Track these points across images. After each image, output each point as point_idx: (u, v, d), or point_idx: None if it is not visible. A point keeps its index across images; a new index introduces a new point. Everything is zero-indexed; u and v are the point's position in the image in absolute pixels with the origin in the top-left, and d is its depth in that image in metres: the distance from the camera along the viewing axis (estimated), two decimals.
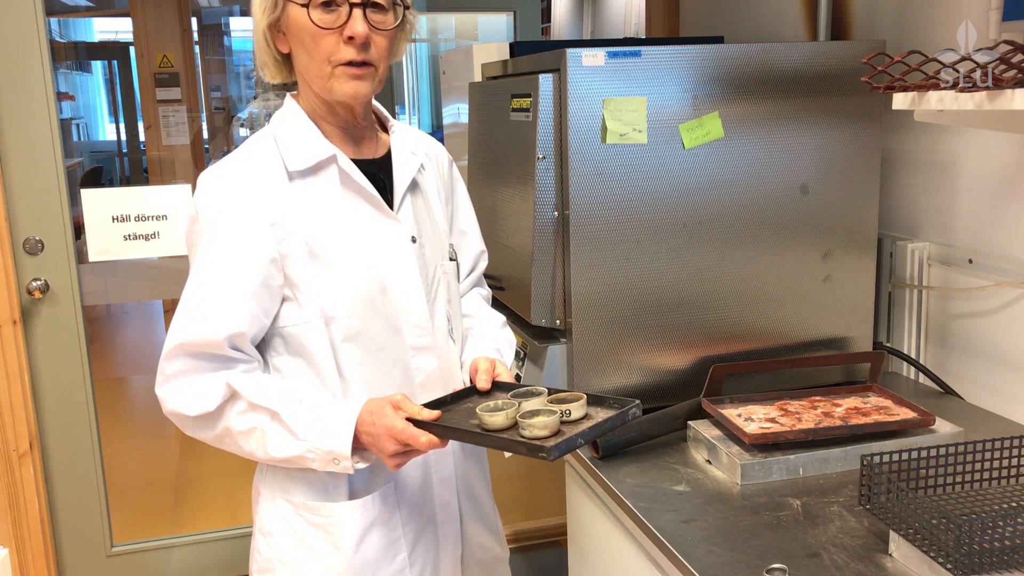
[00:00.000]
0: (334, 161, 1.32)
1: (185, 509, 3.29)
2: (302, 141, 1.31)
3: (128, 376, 4.79)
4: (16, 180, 2.44)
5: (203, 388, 1.28)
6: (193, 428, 1.32)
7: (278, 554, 1.35)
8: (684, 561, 1.26)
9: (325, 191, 1.31)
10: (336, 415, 1.27)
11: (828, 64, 1.75)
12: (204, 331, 1.26)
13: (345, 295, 1.30)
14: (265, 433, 1.27)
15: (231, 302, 1.26)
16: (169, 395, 1.30)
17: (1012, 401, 1.72)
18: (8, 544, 2.46)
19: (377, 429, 1.23)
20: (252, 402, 1.27)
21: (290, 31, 1.29)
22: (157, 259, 2.69)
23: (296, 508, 1.34)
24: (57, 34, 5.80)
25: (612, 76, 1.63)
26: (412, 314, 1.36)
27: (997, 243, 1.75)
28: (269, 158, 1.30)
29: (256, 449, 1.29)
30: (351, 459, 1.25)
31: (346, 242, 1.30)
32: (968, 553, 1.10)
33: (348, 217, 1.32)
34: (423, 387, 1.38)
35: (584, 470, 1.65)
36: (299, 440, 1.26)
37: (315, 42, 1.26)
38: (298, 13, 1.26)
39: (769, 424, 1.56)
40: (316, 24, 1.25)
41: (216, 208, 1.27)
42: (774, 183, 1.76)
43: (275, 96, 3.92)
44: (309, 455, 1.26)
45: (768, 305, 1.79)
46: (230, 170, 1.30)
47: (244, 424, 1.28)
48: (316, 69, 1.28)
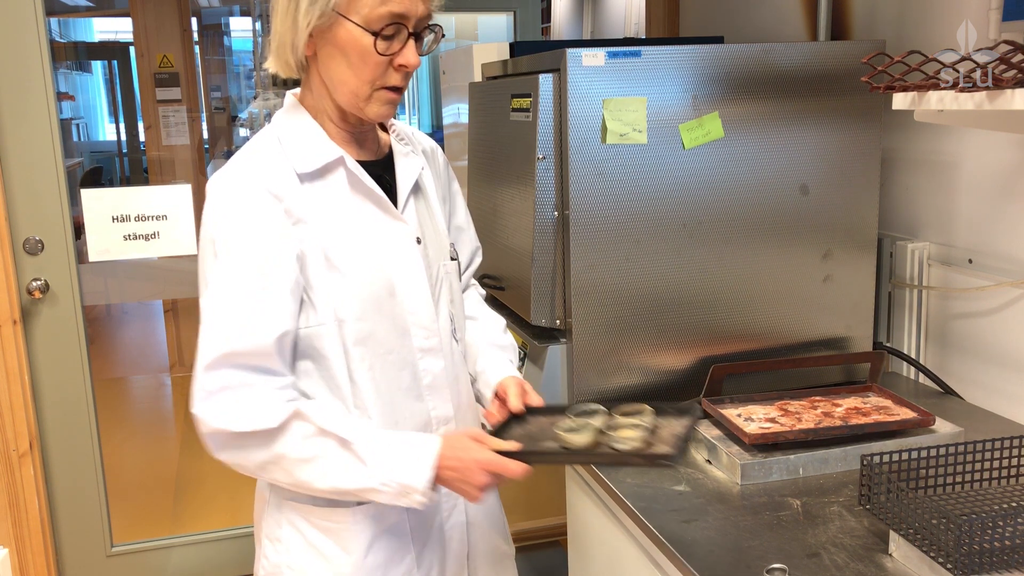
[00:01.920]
0: (341, 163, 1.30)
1: (185, 509, 3.29)
2: (308, 143, 1.29)
3: (128, 376, 4.79)
4: (16, 180, 2.44)
5: (259, 402, 1.21)
6: (236, 449, 1.22)
7: (286, 559, 1.34)
8: (684, 561, 1.26)
9: (334, 193, 1.30)
10: (414, 448, 1.25)
11: (828, 64, 1.75)
12: (252, 337, 1.20)
13: (355, 298, 1.28)
14: (330, 462, 1.22)
15: (273, 302, 1.22)
16: (214, 411, 1.20)
17: (1012, 401, 1.72)
18: (8, 544, 2.46)
19: (465, 463, 1.23)
20: (321, 427, 1.22)
21: (335, 44, 1.24)
22: (157, 259, 2.69)
23: (305, 514, 1.33)
24: (57, 34, 5.80)
25: (612, 76, 1.63)
26: (419, 316, 1.35)
27: (997, 243, 1.75)
28: (277, 159, 1.28)
29: (313, 479, 1.23)
30: (427, 493, 1.24)
31: (356, 245, 1.29)
32: (968, 553, 1.10)
33: (357, 219, 1.30)
34: (430, 389, 1.37)
35: (584, 470, 1.65)
36: (371, 471, 1.22)
37: (364, 63, 1.23)
38: (356, 33, 1.21)
39: (769, 424, 1.56)
40: (378, 51, 1.22)
41: (238, 210, 1.23)
42: (774, 183, 1.76)
43: (275, 96, 3.91)
44: (382, 487, 1.23)
45: (768, 305, 1.79)
46: (243, 171, 1.26)
47: (306, 451, 1.22)
48: (354, 87, 1.25)
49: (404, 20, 1.22)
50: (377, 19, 1.20)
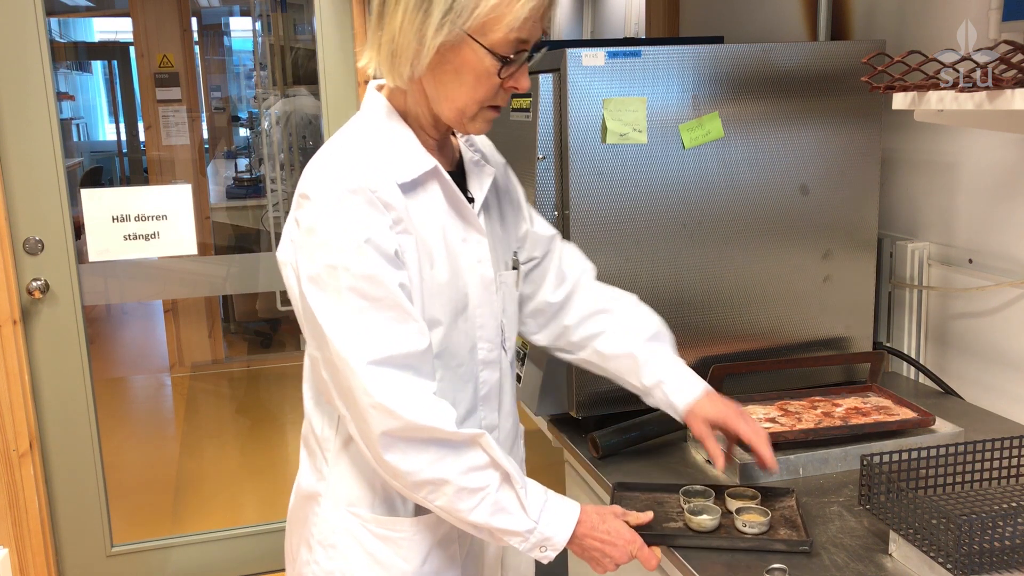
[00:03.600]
0: (436, 174, 1.26)
1: (185, 509, 3.29)
2: (403, 149, 1.24)
3: (128, 376, 4.79)
4: (16, 180, 2.44)
5: (431, 400, 1.18)
6: (406, 449, 1.17)
7: (341, 566, 1.32)
8: (684, 561, 1.26)
9: (429, 203, 1.25)
10: (561, 504, 1.24)
11: (828, 64, 1.75)
12: (407, 343, 1.17)
13: (441, 311, 1.25)
14: (489, 498, 1.19)
15: (410, 309, 1.18)
16: (392, 402, 1.15)
17: (1012, 401, 1.72)
18: (8, 544, 2.46)
19: (614, 538, 1.25)
20: (495, 459, 1.19)
21: (454, 62, 1.18)
22: (157, 259, 2.69)
23: (364, 522, 1.30)
24: (57, 34, 5.80)
25: (612, 76, 1.63)
26: (487, 329, 1.32)
27: (997, 243, 1.75)
28: (375, 163, 1.21)
29: (467, 511, 1.19)
30: (558, 551, 1.23)
31: (442, 256, 1.26)
32: (968, 553, 1.10)
33: (444, 230, 1.27)
34: (484, 399, 1.34)
35: (584, 470, 1.65)
36: (527, 517, 1.21)
37: (480, 84, 1.19)
38: (481, 54, 1.16)
39: (769, 424, 1.56)
40: (500, 76, 1.19)
41: (349, 212, 1.17)
42: (774, 183, 1.76)
43: (306, 93, 3.87)
44: (529, 536, 1.21)
45: (768, 305, 1.79)
46: (351, 173, 1.19)
47: (476, 481, 1.19)
48: (463, 106, 1.21)
49: (526, 45, 1.20)
50: (505, 44, 1.17)
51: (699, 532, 1.30)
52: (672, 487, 1.44)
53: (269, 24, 4.49)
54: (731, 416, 1.40)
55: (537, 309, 1.50)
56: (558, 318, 1.50)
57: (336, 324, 1.16)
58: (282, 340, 4.91)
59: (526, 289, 1.49)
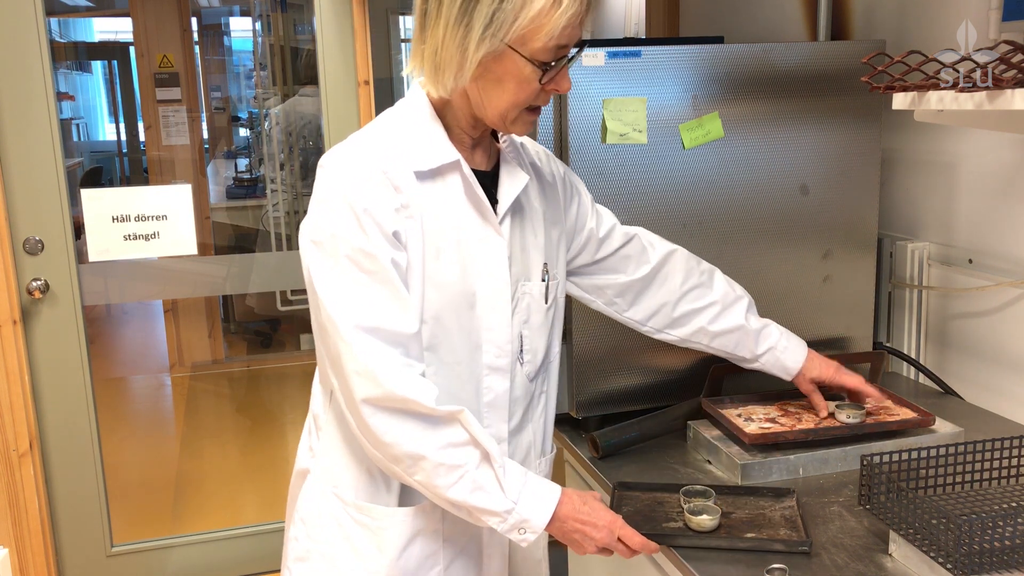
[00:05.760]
0: (457, 167, 1.27)
1: (185, 509, 3.29)
2: (427, 140, 1.26)
3: (128, 376, 4.79)
4: (16, 180, 2.44)
5: (414, 377, 1.19)
6: (391, 419, 1.19)
7: (319, 546, 1.33)
8: (684, 561, 1.26)
9: (445, 195, 1.27)
10: (542, 485, 1.24)
11: (828, 64, 1.75)
12: (397, 321, 1.19)
13: (436, 302, 1.25)
14: (467, 475, 1.20)
15: (403, 290, 1.21)
16: (373, 372, 1.17)
17: (1012, 401, 1.72)
18: (8, 544, 2.46)
19: (596, 518, 1.25)
20: (475, 436, 1.20)
21: (496, 71, 1.20)
22: (157, 259, 2.69)
23: (345, 505, 1.31)
24: (57, 34, 5.80)
25: (612, 76, 1.63)
26: (495, 333, 1.31)
27: (997, 243, 1.75)
28: (395, 148, 1.25)
29: (445, 488, 1.21)
30: (538, 533, 1.23)
31: (451, 249, 1.26)
32: (968, 553, 1.10)
33: (459, 225, 1.27)
34: (489, 407, 1.33)
35: (584, 470, 1.65)
36: (505, 497, 1.21)
37: (521, 90, 1.21)
38: (521, 63, 1.18)
39: (769, 424, 1.56)
40: (541, 83, 1.20)
41: (357, 189, 1.20)
42: (774, 183, 1.76)
43: (312, 94, 3.85)
44: (508, 516, 1.22)
45: (768, 305, 1.79)
46: (367, 152, 1.23)
47: (454, 458, 1.20)
48: (504, 110, 1.23)
49: (566, 50, 1.21)
50: (545, 52, 1.18)
51: (699, 532, 1.30)
52: (672, 487, 1.44)
53: (269, 24, 4.49)
54: (833, 373, 1.58)
55: (625, 287, 1.53)
56: (649, 292, 1.53)
57: (330, 288, 1.20)
58: (282, 340, 4.91)
59: (608, 276, 1.52)
